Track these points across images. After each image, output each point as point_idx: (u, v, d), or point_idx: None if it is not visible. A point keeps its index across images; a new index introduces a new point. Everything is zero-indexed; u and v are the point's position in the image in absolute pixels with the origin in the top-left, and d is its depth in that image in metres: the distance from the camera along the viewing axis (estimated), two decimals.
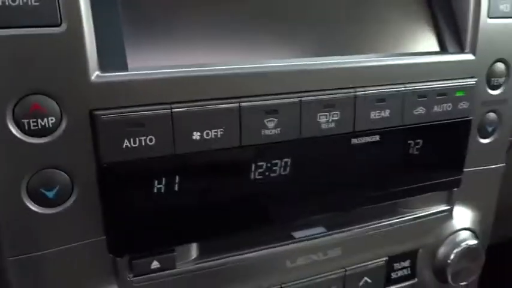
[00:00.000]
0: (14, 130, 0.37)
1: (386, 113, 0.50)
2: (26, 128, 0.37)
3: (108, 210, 0.42)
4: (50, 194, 0.39)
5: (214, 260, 0.49)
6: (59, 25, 0.36)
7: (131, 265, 0.45)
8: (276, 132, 0.46)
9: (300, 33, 0.48)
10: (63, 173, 0.39)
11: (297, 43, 0.48)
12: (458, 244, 0.61)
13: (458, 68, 0.53)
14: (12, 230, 0.39)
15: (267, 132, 0.45)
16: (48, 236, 0.40)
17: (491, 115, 0.57)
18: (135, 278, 0.45)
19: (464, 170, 0.58)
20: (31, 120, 0.37)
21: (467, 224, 0.63)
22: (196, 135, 0.42)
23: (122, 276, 0.45)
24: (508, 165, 0.65)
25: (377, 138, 0.50)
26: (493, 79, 0.55)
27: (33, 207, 0.39)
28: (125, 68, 0.40)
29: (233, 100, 0.43)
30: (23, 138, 0.37)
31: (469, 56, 0.53)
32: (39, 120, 0.37)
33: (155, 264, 0.46)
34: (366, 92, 0.48)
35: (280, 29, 0.48)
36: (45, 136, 0.38)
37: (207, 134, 0.43)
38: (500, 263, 1.11)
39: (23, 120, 0.37)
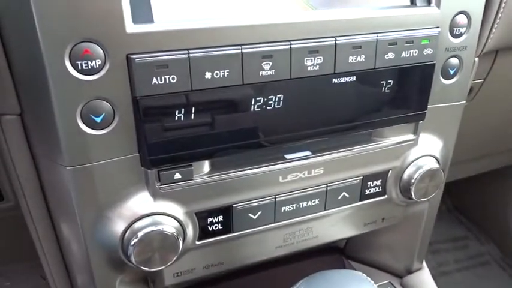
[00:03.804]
0: (71, 69, 0.45)
1: (361, 57, 0.56)
2: (79, 68, 0.45)
3: (141, 133, 0.50)
4: (98, 119, 0.48)
5: (222, 174, 0.57)
6: None
7: (159, 176, 0.54)
8: (271, 73, 0.52)
9: None
10: (107, 103, 0.48)
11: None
12: (421, 167, 0.68)
13: (424, 19, 0.59)
14: (71, 146, 0.49)
15: (263, 73, 0.52)
16: (96, 152, 0.50)
17: (454, 60, 0.64)
18: (162, 186, 0.54)
19: (429, 106, 0.65)
20: (83, 62, 0.45)
21: (430, 151, 0.70)
22: (208, 75, 0.50)
23: (152, 184, 0.54)
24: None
25: (354, 78, 0.57)
26: (455, 29, 0.61)
27: (86, 129, 0.48)
28: (151, 20, 0.47)
29: (236, 47, 0.50)
30: (77, 76, 0.45)
31: (435, 9, 0.59)
32: (89, 62, 0.45)
33: (177, 176, 0.54)
34: (345, 40, 0.55)
35: None
36: (93, 74, 0.46)
37: (217, 74, 0.50)
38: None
39: (77, 62, 0.45)
